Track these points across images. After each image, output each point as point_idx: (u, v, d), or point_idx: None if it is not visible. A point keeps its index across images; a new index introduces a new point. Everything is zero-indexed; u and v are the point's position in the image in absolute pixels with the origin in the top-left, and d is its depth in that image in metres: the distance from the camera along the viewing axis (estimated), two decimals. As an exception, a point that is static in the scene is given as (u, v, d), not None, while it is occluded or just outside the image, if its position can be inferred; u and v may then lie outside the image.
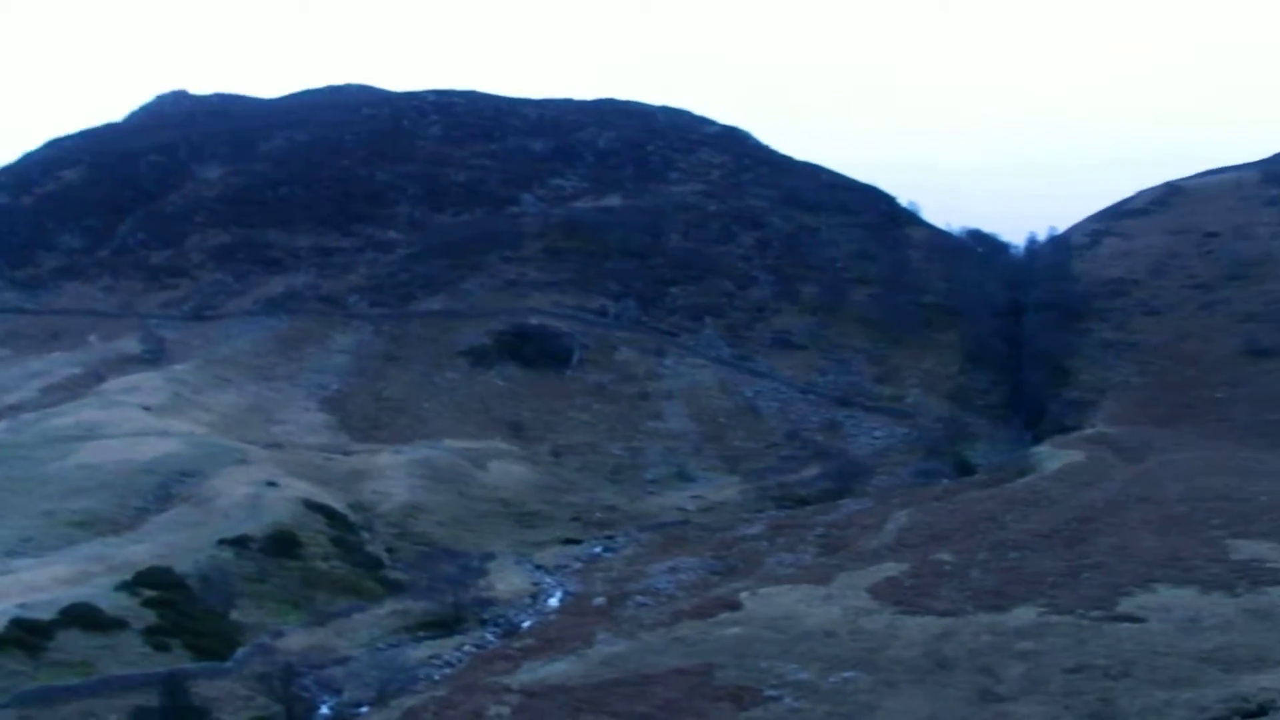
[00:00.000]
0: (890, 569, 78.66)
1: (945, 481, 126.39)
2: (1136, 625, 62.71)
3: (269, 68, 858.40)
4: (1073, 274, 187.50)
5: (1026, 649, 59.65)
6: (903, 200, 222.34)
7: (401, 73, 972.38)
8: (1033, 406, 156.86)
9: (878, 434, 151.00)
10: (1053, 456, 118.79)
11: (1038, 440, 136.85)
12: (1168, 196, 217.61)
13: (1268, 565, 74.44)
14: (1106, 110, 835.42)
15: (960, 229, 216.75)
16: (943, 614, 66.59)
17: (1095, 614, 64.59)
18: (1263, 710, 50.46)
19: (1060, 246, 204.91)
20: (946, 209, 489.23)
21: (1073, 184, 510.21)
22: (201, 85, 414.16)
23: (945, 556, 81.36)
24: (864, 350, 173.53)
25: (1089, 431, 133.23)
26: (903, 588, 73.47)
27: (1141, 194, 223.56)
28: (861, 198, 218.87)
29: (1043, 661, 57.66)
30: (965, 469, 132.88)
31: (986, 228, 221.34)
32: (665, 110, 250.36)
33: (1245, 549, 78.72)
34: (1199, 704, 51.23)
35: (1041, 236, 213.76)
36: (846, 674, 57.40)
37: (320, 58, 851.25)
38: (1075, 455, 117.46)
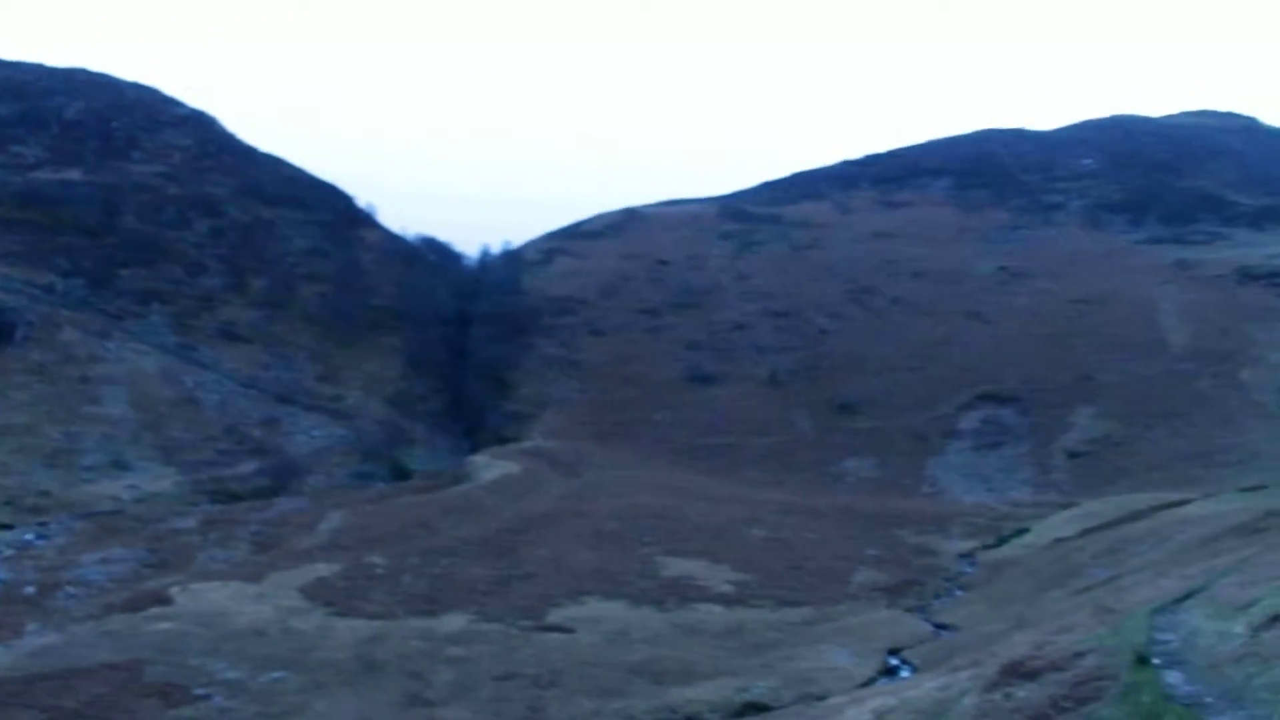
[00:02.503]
0: (323, 569, 79.99)
1: (381, 485, 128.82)
2: (566, 635, 66.15)
3: None
4: (522, 289, 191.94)
5: (457, 655, 61.85)
6: (361, 201, 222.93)
7: None
8: (473, 416, 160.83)
9: (316, 433, 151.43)
10: (489, 466, 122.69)
11: (476, 449, 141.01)
12: (625, 222, 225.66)
13: (697, 583, 80.00)
14: (577, 136, 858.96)
15: (415, 235, 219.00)
16: (374, 617, 68.40)
17: (525, 623, 67.73)
18: (690, 720, 54.75)
19: (513, 261, 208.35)
20: (405, 215, 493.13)
21: (543, 204, 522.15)
22: None
23: (378, 559, 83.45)
24: (309, 348, 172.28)
25: (526, 444, 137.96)
26: (334, 589, 74.93)
27: (600, 217, 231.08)
28: (320, 195, 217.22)
29: (472, 668, 59.87)
30: (402, 474, 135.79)
31: (443, 237, 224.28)
32: (136, 86, 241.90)
33: (676, 566, 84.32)
34: (627, 714, 54.49)
35: (496, 249, 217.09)
36: (276, 674, 58.23)
37: None
38: (511, 466, 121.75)
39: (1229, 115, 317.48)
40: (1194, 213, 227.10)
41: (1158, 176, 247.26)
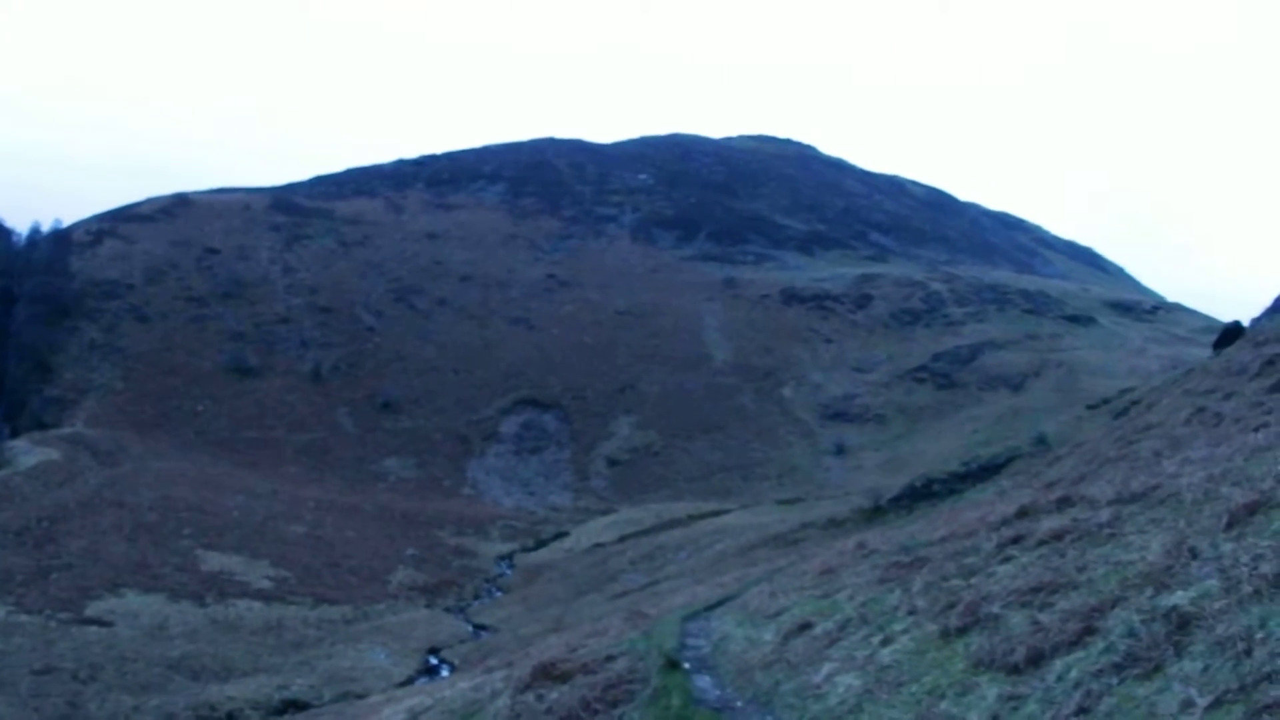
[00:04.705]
0: None
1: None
2: (105, 629, 65.45)
3: None
4: (69, 270, 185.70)
5: (-6, 648, 60.12)
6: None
7: None
8: (14, 399, 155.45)
9: None
10: (28, 452, 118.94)
11: (16, 434, 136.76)
12: (176, 207, 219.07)
13: (235, 578, 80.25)
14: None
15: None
16: (-92, 608, 66.28)
17: (64, 616, 66.56)
18: (230, 718, 55.19)
19: (61, 241, 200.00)
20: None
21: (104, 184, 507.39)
22: None
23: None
24: None
25: (66, 431, 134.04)
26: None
27: (152, 200, 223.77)
28: None
29: (10, 661, 58.67)
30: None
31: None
32: None
33: (215, 561, 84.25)
34: (167, 710, 54.71)
35: (46, 227, 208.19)
36: None
37: None
38: (51, 453, 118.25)
39: (787, 142, 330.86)
40: (744, 233, 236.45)
41: (711, 196, 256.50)
